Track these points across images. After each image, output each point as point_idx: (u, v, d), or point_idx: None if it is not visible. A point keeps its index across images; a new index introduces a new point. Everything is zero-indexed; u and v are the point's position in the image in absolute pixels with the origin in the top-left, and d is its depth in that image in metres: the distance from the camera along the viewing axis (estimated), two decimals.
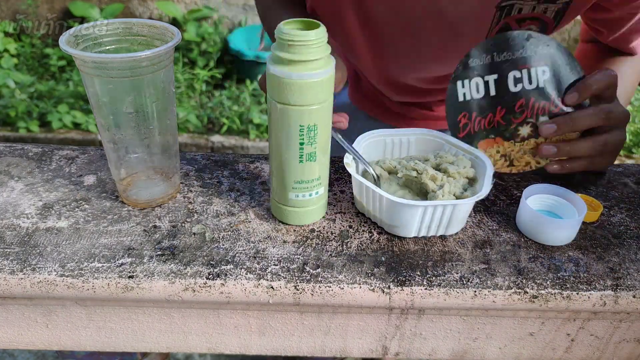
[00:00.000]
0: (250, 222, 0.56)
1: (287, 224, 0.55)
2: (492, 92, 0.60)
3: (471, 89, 0.60)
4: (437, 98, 0.88)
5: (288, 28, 0.46)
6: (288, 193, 0.53)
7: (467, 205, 0.52)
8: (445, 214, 0.52)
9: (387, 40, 0.73)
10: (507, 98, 0.59)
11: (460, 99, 0.60)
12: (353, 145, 0.58)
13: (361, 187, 0.54)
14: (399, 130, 0.62)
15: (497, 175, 0.62)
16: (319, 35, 0.46)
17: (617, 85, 0.58)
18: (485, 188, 0.52)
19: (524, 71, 0.59)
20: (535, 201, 0.57)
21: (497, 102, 0.60)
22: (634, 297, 0.49)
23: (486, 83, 0.60)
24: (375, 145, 0.62)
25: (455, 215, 0.52)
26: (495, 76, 0.59)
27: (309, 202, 0.54)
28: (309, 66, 0.46)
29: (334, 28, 0.73)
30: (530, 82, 0.59)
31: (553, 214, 0.57)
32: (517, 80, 0.59)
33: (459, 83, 0.60)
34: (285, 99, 0.47)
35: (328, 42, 0.48)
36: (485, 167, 0.56)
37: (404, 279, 0.49)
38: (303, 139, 0.49)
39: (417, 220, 0.52)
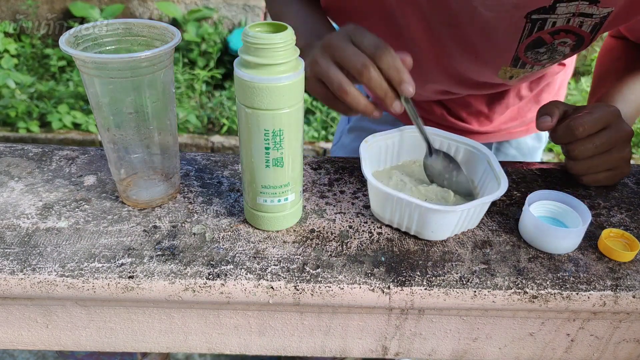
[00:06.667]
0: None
1: (257, 228, 0.55)
2: None
3: None
4: (469, 108, 0.85)
5: (254, 31, 0.45)
6: (257, 197, 0.52)
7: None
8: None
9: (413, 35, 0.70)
10: None
11: None
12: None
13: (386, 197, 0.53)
14: (451, 135, 0.61)
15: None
16: (285, 38, 0.44)
17: (615, 121, 0.59)
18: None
19: None
20: (539, 208, 0.56)
21: None
22: (633, 297, 0.49)
23: None
24: (416, 141, 0.62)
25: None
26: None
27: (278, 208, 0.53)
28: (273, 70, 0.45)
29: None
30: None
31: (556, 220, 0.56)
32: None
33: None
34: (249, 102, 0.46)
35: (296, 45, 0.46)
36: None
37: (403, 279, 0.49)
38: (268, 144, 0.48)
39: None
